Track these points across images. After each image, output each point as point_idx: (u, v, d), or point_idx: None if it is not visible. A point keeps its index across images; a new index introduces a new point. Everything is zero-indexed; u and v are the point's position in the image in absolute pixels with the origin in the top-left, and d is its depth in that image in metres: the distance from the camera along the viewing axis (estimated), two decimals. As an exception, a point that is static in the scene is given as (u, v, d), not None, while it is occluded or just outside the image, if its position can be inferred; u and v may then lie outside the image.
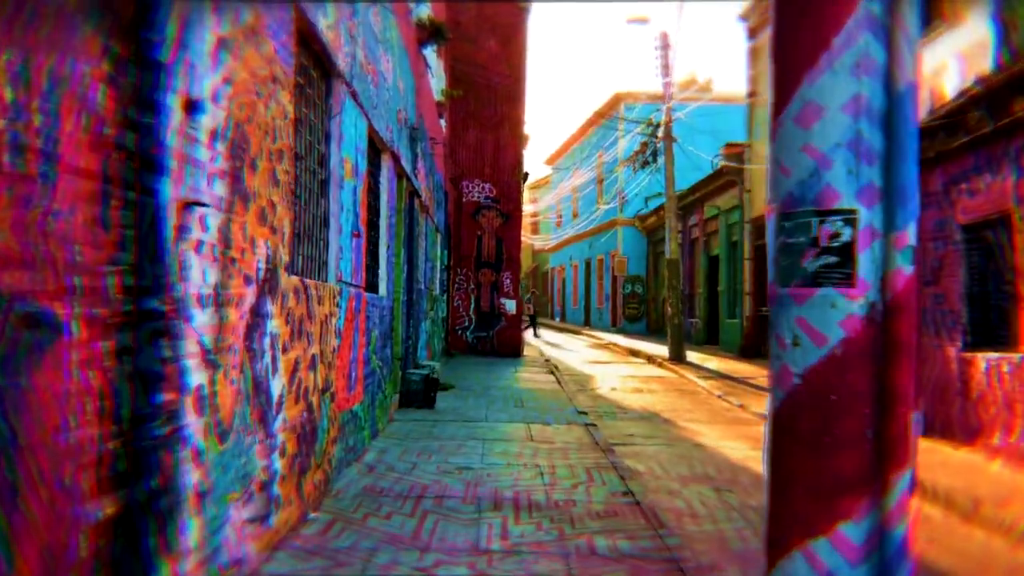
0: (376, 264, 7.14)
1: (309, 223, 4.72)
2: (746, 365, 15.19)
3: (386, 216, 7.40)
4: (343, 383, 5.31)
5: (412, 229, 9.60)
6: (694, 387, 12.72)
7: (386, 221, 7.40)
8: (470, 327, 17.00)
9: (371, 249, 6.91)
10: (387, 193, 7.41)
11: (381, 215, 7.29)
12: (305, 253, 4.64)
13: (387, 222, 7.43)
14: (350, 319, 5.50)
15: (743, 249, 17.09)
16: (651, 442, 7.63)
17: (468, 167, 17.24)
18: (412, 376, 8.48)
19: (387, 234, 7.44)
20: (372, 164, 6.86)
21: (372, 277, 6.94)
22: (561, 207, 35.53)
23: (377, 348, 6.81)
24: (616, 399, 10.97)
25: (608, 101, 27.74)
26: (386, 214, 7.40)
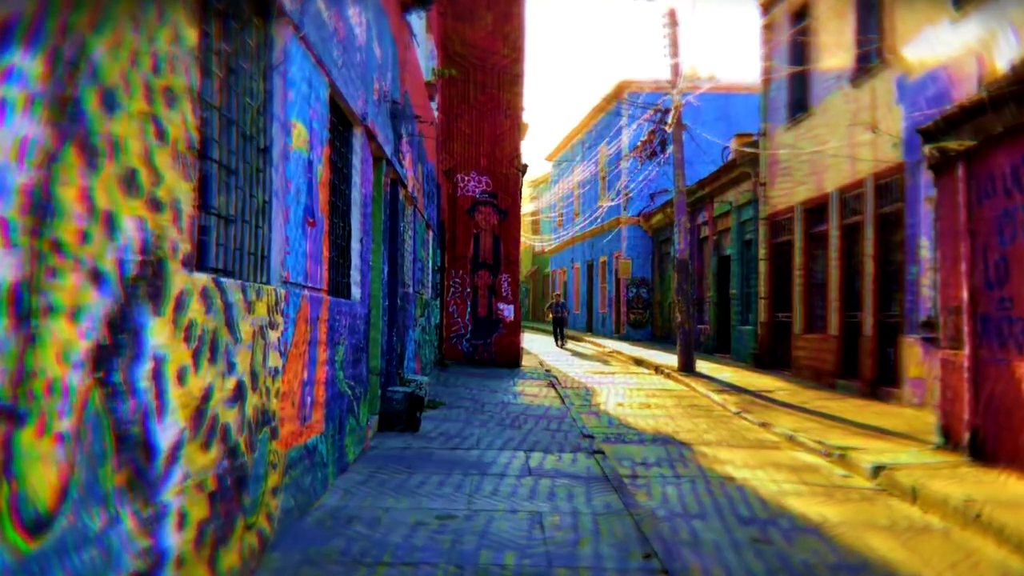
0: (346, 262, 5.99)
1: (240, 204, 3.56)
2: (762, 377, 14.03)
3: (359, 204, 6.25)
4: (292, 413, 4.16)
5: (395, 223, 8.45)
6: (708, 402, 11.56)
7: (359, 210, 6.25)
8: (466, 335, 15.83)
9: (338, 244, 5.75)
10: (360, 176, 6.26)
11: (353, 202, 6.14)
12: (232, 244, 3.49)
13: (361, 211, 6.28)
14: (304, 331, 4.34)
15: (757, 248, 15.95)
16: (669, 474, 6.47)
17: (462, 158, 16.09)
18: (393, 395, 7.32)
19: (360, 226, 6.28)
20: (339, 139, 5.71)
21: (340, 278, 5.79)
22: (562, 205, 34.39)
23: (347, 364, 5.66)
24: (624, 417, 9.81)
25: (611, 90, 26.58)
26: (359, 202, 6.24)
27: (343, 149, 5.93)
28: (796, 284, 13.97)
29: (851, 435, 8.21)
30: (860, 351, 11.53)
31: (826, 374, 12.56)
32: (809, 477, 6.58)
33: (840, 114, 12.12)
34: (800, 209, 13.81)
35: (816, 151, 12.58)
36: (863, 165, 11.36)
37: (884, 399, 10.63)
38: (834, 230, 12.45)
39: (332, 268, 5.52)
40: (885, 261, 11.08)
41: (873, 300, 11.17)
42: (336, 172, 5.68)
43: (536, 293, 43.94)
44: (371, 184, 6.77)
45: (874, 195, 11.21)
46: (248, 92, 3.66)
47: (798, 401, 10.98)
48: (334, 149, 5.57)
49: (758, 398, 11.54)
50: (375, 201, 7.34)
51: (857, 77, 11.65)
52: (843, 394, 11.59)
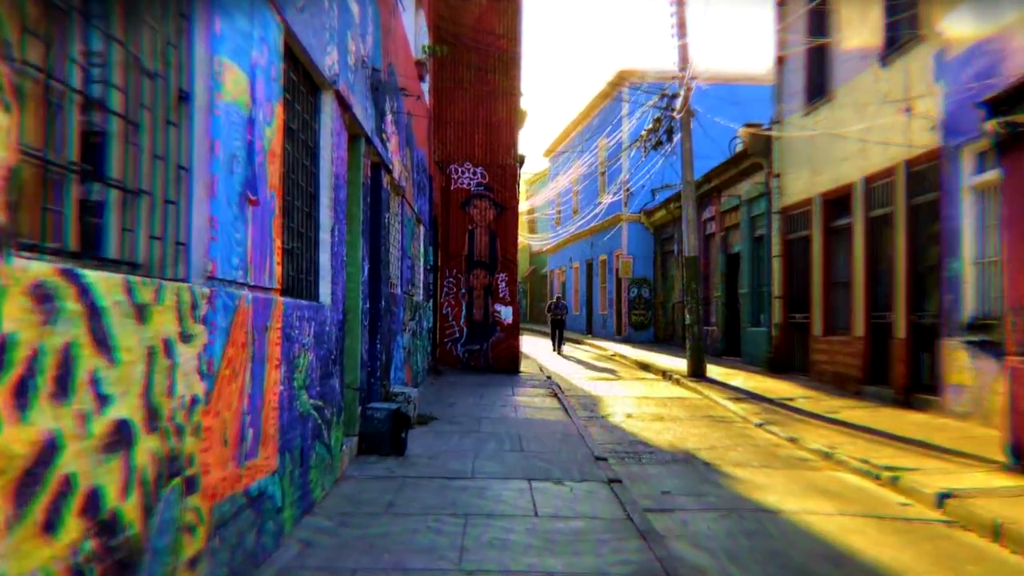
0: (311, 256, 4.95)
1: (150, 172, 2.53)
2: (779, 382, 13.03)
3: (329, 187, 5.21)
4: (224, 453, 3.12)
5: (378, 213, 7.41)
6: (724, 412, 10.55)
7: (330, 194, 5.21)
8: (461, 339, 14.79)
9: (300, 233, 4.71)
10: (331, 153, 5.22)
11: (321, 184, 5.10)
12: (122, 222, 2.45)
13: (332, 195, 5.24)
14: (243, 343, 3.31)
15: (770, 245, 14.96)
16: (698, 506, 5.45)
17: (456, 148, 15.05)
18: (375, 413, 6.28)
19: (331, 213, 5.25)
20: (302, 103, 4.67)
21: (302, 275, 4.75)
22: (560, 201, 33.35)
23: (312, 381, 4.62)
24: (636, 431, 8.79)
25: (611, 81, 25.54)
26: (329, 183, 5.21)
27: (307, 117, 4.89)
28: (815, 282, 12.98)
29: (897, 452, 7.21)
30: (891, 355, 10.54)
31: (851, 380, 11.57)
32: (863, 507, 5.57)
33: (866, 97, 11.13)
34: (819, 201, 12.82)
35: (838, 134, 11.58)
36: (894, 151, 10.38)
37: (920, 408, 9.64)
38: (859, 223, 11.46)
39: (290, 262, 4.48)
40: (919, 256, 10.09)
41: (905, 299, 10.18)
42: (298, 144, 4.65)
43: (534, 294, 42.92)
44: (345, 164, 5.73)
45: (906, 184, 10.22)
46: (158, 14, 2.63)
47: (824, 410, 9.98)
48: (294, 115, 4.54)
49: (779, 407, 10.54)
50: (352, 185, 6.31)
51: (887, 55, 10.66)
52: (872, 402, 10.59)
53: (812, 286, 13.07)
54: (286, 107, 4.38)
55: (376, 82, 7.24)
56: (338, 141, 5.45)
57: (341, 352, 5.63)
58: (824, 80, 12.74)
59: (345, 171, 5.76)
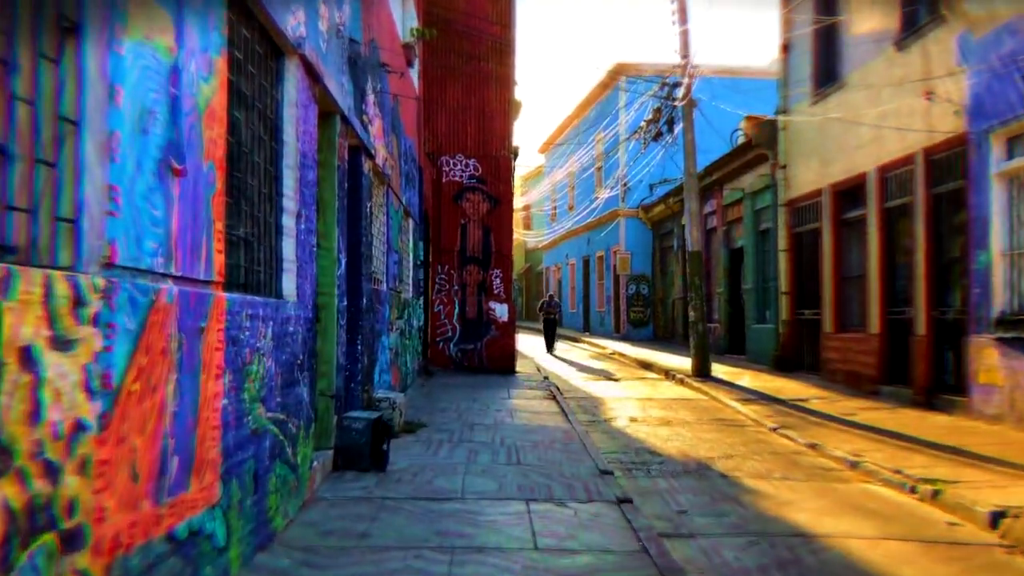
0: (271, 244, 4.26)
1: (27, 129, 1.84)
2: (789, 382, 12.38)
3: (294, 166, 4.52)
4: (130, 492, 2.42)
5: (358, 201, 6.72)
6: (735, 415, 9.89)
7: (295, 174, 4.52)
8: (454, 338, 14.09)
9: (255, 217, 4.02)
10: (296, 127, 4.52)
11: (284, 163, 4.41)
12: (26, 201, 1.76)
13: (297, 176, 4.55)
14: (163, 348, 2.62)
15: (777, 239, 14.31)
16: (721, 529, 4.79)
17: (448, 139, 14.35)
18: (352, 423, 5.58)
19: (297, 197, 4.56)
20: (257, 66, 3.97)
21: (258, 267, 4.06)
22: (556, 197, 32.66)
23: (270, 391, 3.93)
24: (642, 437, 8.12)
25: (607, 75, 24.87)
26: (294, 162, 4.51)
27: (266, 84, 4.19)
28: (826, 277, 12.33)
29: (930, 460, 6.56)
30: (910, 353, 9.89)
31: (866, 379, 10.92)
32: (906, 528, 4.92)
33: (881, 82, 10.46)
34: (829, 192, 12.16)
35: (852, 121, 10.93)
36: (912, 139, 9.73)
37: (944, 409, 9.00)
38: (873, 215, 10.81)
39: (242, 252, 3.79)
40: (941, 249, 9.45)
41: (926, 294, 9.54)
42: (253, 114, 3.96)
43: (529, 291, 42.22)
44: (315, 142, 5.04)
45: (926, 173, 9.57)
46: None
47: (840, 412, 9.34)
48: (247, 78, 3.85)
49: (792, 408, 9.89)
50: (325, 167, 5.61)
51: (903, 38, 10.00)
52: (891, 403, 9.95)
53: (822, 281, 12.43)
54: (237, 68, 3.69)
55: (354, 55, 6.54)
56: (305, 115, 4.76)
57: (311, 355, 4.94)
58: (833, 66, 12.09)
59: (315, 151, 5.06)
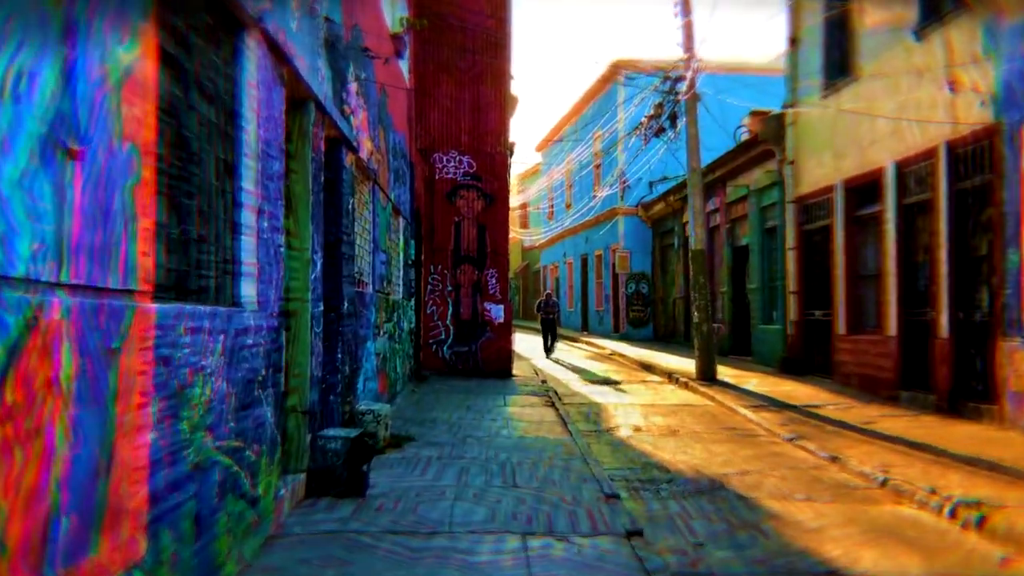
0: (224, 244, 3.67)
1: None
2: (799, 386, 11.81)
3: (255, 155, 3.93)
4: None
5: (338, 197, 6.13)
6: (745, 423, 9.32)
7: (255, 164, 3.93)
8: (447, 340, 13.51)
9: (203, 212, 3.43)
10: (256, 111, 3.93)
11: (241, 150, 3.82)
12: None
13: (258, 166, 3.96)
14: (50, 377, 2.03)
15: (784, 236, 13.74)
16: (743, 566, 4.21)
17: (441, 135, 13.76)
18: (328, 443, 5.00)
19: (258, 190, 3.97)
20: (201, 34, 3.37)
21: (207, 271, 3.47)
22: (553, 195, 32.07)
23: (221, 416, 3.35)
24: (648, 450, 7.54)
25: (605, 72, 24.32)
26: (255, 151, 3.92)
27: (218, 59, 3.60)
28: (837, 276, 11.76)
29: (965, 477, 5.99)
30: (931, 356, 9.33)
31: (882, 383, 10.36)
32: (953, 563, 4.35)
33: (898, 74, 9.90)
34: (842, 189, 11.59)
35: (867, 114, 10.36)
36: (933, 132, 9.16)
37: (971, 417, 8.44)
38: (890, 211, 10.24)
39: (186, 253, 3.20)
40: (965, 247, 8.88)
41: (948, 294, 8.97)
42: (199, 93, 3.37)
43: (527, 290, 41.65)
44: (283, 130, 4.45)
45: (949, 167, 9.00)
46: None
47: (858, 420, 8.78)
48: (189, 49, 3.25)
49: (806, 416, 9.32)
50: (297, 159, 5.02)
51: (922, 27, 9.42)
52: (910, 409, 9.39)
53: (834, 280, 11.86)
54: (178, 38, 3.11)
55: (333, 38, 5.96)
56: (268, 98, 4.17)
57: (277, 369, 4.35)
58: (845, 58, 11.52)
59: (282, 139, 4.47)
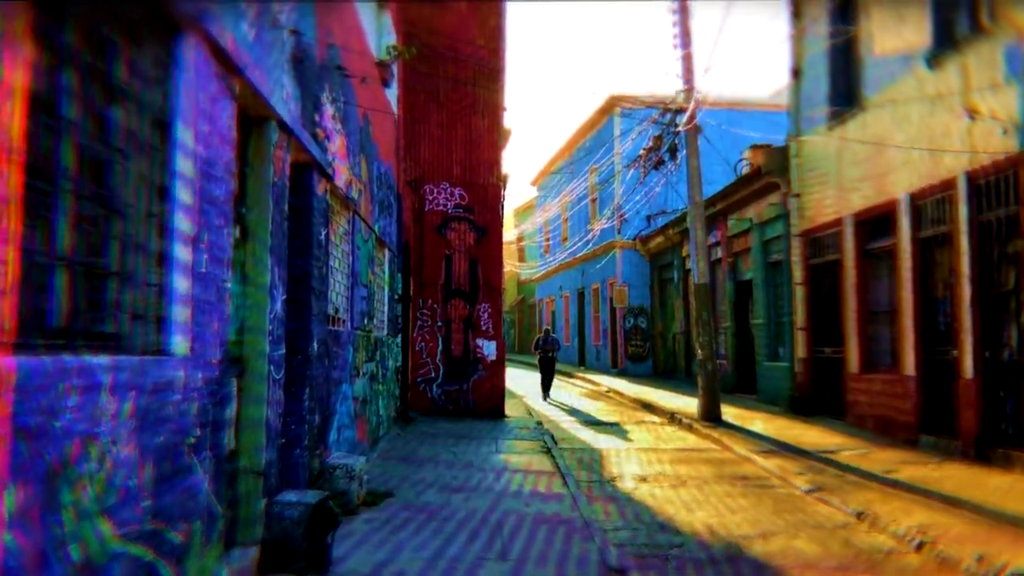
0: (150, 279, 3.03)
1: None
2: (809, 428, 11.10)
3: (193, 175, 3.32)
4: None
5: (307, 228, 5.52)
6: (757, 471, 8.60)
7: (193, 187, 3.32)
8: (437, 379, 12.80)
9: (121, 240, 2.80)
10: (194, 125, 3.33)
11: (175, 169, 3.21)
12: None
13: (196, 188, 3.35)
14: None
15: (790, 271, 13.17)
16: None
17: (431, 166, 13.27)
18: (285, 510, 4.30)
19: (196, 217, 3.36)
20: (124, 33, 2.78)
21: (117, 311, 2.82)
22: (549, 228, 31.62)
23: (125, 496, 2.67)
24: (656, 506, 6.81)
25: (601, 106, 24.11)
26: (192, 170, 3.32)
27: (143, 63, 3.02)
28: (849, 312, 11.15)
29: (1015, 540, 5.29)
30: (955, 398, 8.67)
31: (900, 426, 9.68)
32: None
33: (910, 103, 9.45)
34: (852, 222, 11.06)
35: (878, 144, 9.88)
36: (950, 162, 8.66)
37: (1002, 465, 7.75)
38: (906, 245, 9.67)
39: (83, 289, 2.57)
40: (989, 281, 8.29)
41: (973, 332, 8.35)
42: (118, 98, 2.77)
43: (522, 324, 41.00)
44: (229, 148, 3.85)
45: (969, 198, 8.46)
46: None
47: (879, 468, 8.07)
48: (106, 49, 2.66)
49: (822, 463, 8.61)
50: (255, 183, 4.42)
51: (935, 55, 8.98)
52: (934, 455, 8.70)
53: (845, 316, 11.25)
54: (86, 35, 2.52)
55: (301, 54, 5.42)
56: (212, 112, 3.58)
57: (219, 427, 3.68)
58: (852, 88, 11.11)
59: (231, 159, 3.87)
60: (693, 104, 12.72)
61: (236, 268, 4.22)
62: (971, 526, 5.73)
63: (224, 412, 3.85)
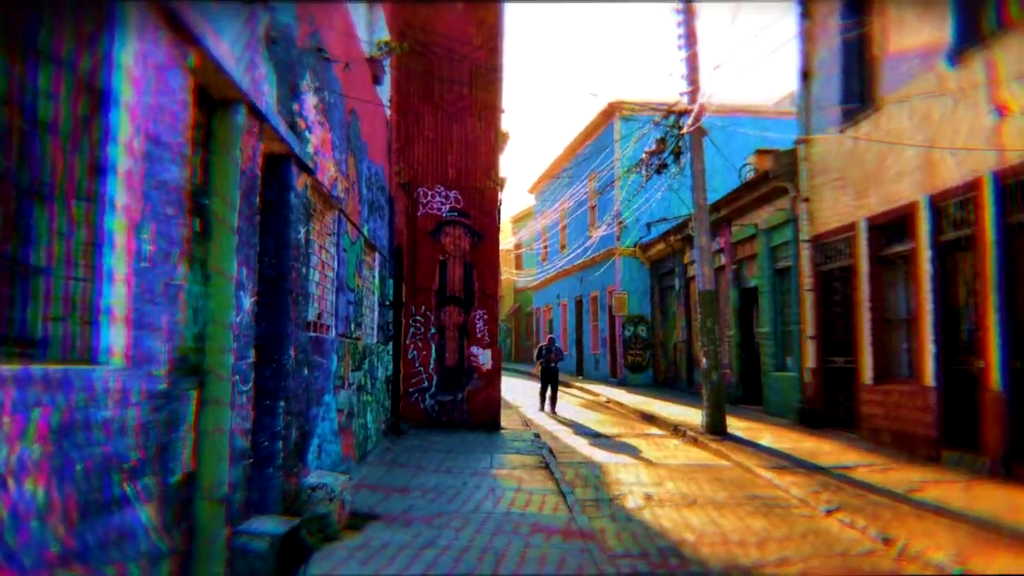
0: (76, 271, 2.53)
1: None
2: (821, 442, 10.59)
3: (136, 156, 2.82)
4: None
5: (283, 225, 5.02)
6: (772, 490, 8.06)
7: (135, 167, 2.82)
8: (430, 388, 12.27)
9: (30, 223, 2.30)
10: (136, 98, 2.83)
11: (110, 145, 2.71)
12: None
13: (139, 170, 2.85)
14: None
15: (799, 277, 12.69)
16: None
17: (425, 169, 12.79)
18: (250, 543, 3.78)
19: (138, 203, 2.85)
20: None
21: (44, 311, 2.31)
22: (547, 236, 31.16)
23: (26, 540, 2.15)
24: (665, 530, 6.28)
25: (600, 113, 23.71)
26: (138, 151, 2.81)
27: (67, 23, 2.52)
28: (862, 320, 10.66)
29: (1063, 573, 4.79)
30: (981, 411, 8.16)
31: (920, 441, 9.17)
32: None
33: (930, 102, 8.99)
34: (865, 226, 10.58)
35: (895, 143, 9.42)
36: (975, 162, 8.19)
37: (1033, 484, 7.25)
38: (925, 250, 9.18)
39: None
40: (1018, 287, 7.81)
41: (1001, 341, 7.84)
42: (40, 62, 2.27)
43: (518, 333, 40.47)
44: (182, 126, 3.35)
45: (996, 199, 7.98)
46: None
47: (901, 486, 7.56)
48: None
49: (839, 480, 8.10)
50: (218, 170, 3.92)
51: (958, 52, 8.54)
52: (959, 472, 8.19)
53: (858, 325, 10.75)
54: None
55: (278, 35, 4.94)
56: (161, 85, 3.09)
57: (164, 449, 3.16)
58: (866, 89, 10.67)
59: (184, 140, 3.37)
60: (699, 106, 12.29)
61: (195, 266, 3.71)
62: (1014, 556, 5.22)
63: (177, 430, 3.33)
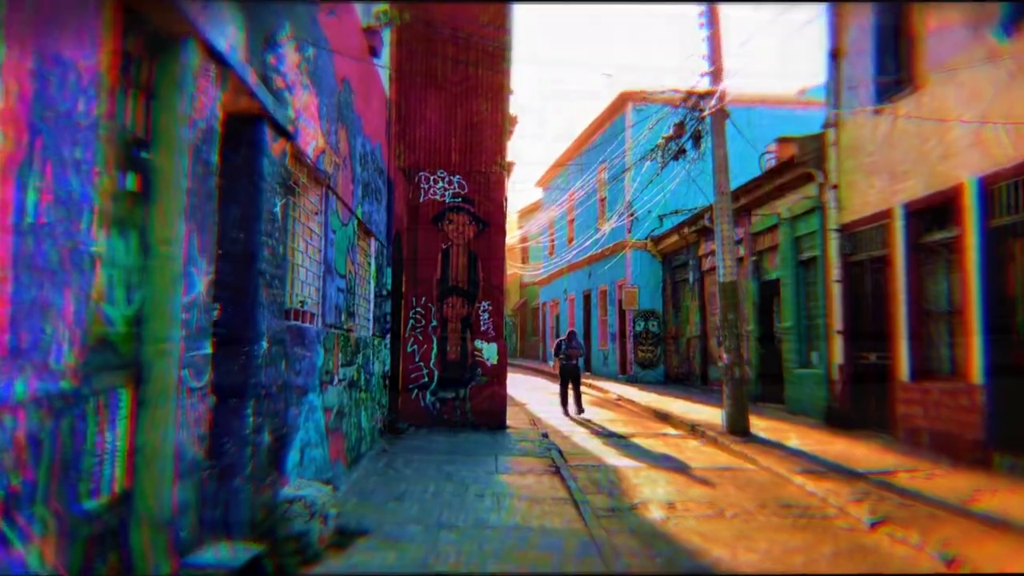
0: None
1: None
2: (853, 444, 9.80)
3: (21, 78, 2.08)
4: None
5: (256, 192, 4.29)
6: (806, 497, 7.29)
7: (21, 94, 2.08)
8: (431, 385, 11.54)
9: None
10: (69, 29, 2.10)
11: None
12: None
13: (15, 89, 2.11)
14: None
15: (825, 269, 11.90)
16: None
17: (427, 153, 12.04)
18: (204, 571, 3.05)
19: (18, 134, 2.11)
20: None
21: None
22: (554, 229, 30.38)
23: None
24: (692, 544, 5.53)
25: (612, 103, 22.91)
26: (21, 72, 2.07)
27: None
28: (899, 313, 9.87)
29: None
30: (1037, 413, 7.39)
31: (966, 444, 8.38)
32: None
33: (979, 77, 8.20)
34: (902, 212, 9.78)
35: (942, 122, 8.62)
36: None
37: (1103, 496, 6.47)
38: (973, 236, 8.38)
39: None
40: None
41: (1060, 334, 7.08)
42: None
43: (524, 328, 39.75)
44: (91, 51, 2.62)
45: (1055, 174, 7.21)
46: None
47: (953, 496, 6.79)
48: None
49: (879, 487, 7.33)
50: (162, 119, 3.19)
51: (1013, 22, 7.74)
52: (1013, 477, 7.42)
53: (894, 318, 9.96)
54: None
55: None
56: None
57: (68, 467, 2.43)
58: (904, 67, 9.84)
59: (96, 63, 2.64)
60: (722, 87, 11.47)
61: (130, 233, 2.99)
62: (1106, 582, 4.45)
63: (98, 439, 2.60)
